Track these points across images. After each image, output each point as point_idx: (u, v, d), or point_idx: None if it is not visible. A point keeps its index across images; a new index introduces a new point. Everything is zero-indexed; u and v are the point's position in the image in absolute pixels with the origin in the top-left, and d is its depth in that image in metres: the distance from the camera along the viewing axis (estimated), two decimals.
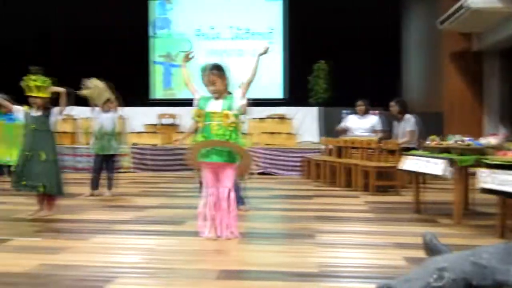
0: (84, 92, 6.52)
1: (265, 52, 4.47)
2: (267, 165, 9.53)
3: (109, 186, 6.82)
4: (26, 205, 5.65)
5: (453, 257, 2.00)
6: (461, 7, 9.11)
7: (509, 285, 1.76)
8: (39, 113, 5.26)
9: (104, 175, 6.85)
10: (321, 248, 4.00)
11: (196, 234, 4.34)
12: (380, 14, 12.83)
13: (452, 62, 11.06)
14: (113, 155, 6.87)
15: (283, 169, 9.61)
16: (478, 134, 8.16)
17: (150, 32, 14.45)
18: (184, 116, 10.73)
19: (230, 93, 4.36)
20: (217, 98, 4.27)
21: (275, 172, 9.55)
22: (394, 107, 8.13)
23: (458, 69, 11.04)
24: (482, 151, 4.95)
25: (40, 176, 5.15)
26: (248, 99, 4.73)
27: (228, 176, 4.28)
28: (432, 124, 9.51)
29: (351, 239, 4.34)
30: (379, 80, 12.88)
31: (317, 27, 12.98)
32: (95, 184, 6.81)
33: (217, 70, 4.27)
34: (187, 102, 4.66)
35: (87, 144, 8.51)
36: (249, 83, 4.37)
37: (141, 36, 14.26)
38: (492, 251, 2.01)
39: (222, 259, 3.74)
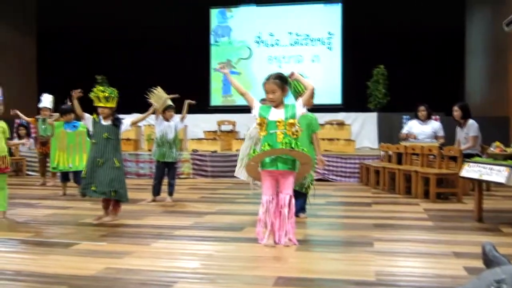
0: (151, 99, 6.77)
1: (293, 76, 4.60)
2: (325, 172, 9.51)
3: (170, 193, 7.02)
4: (91, 210, 5.93)
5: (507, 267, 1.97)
6: None
7: None
8: (108, 122, 5.51)
9: (165, 181, 7.06)
10: (379, 256, 3.98)
11: (254, 240, 4.42)
12: (442, 17, 12.54)
13: None
14: (174, 162, 7.07)
15: (342, 176, 9.55)
16: None
17: (211, 40, 14.74)
18: (243, 123, 10.87)
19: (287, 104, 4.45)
20: (276, 107, 4.36)
21: (333, 179, 9.51)
22: (457, 112, 7.93)
23: None
24: None
25: (113, 182, 5.38)
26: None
27: (290, 183, 4.37)
28: (497, 129, 9.20)
29: (410, 248, 4.28)
30: (441, 85, 12.58)
31: (376, 31, 12.85)
32: (156, 190, 7.02)
33: (279, 80, 4.39)
34: (246, 109, 4.76)
35: (149, 150, 8.83)
36: (308, 95, 4.45)
37: (203, 44, 14.61)
38: None
39: (280, 265, 3.79)
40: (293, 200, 4.37)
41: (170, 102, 7.00)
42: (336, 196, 7.65)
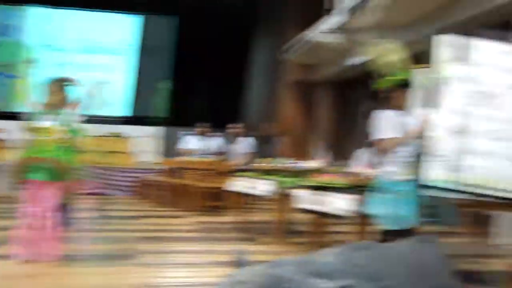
0: None
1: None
2: (101, 185, 9.14)
3: None
4: None
5: (254, 270, 2.09)
6: (300, 40, 9.76)
7: None
8: None
9: None
10: (143, 268, 3.93)
11: (9, 257, 3.99)
12: (228, 40, 13.20)
13: (289, 90, 11.77)
14: None
15: (118, 189, 9.29)
16: (308, 158, 8.73)
17: None
18: (14, 131, 9.88)
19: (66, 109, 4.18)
20: (51, 112, 4.05)
21: (108, 193, 9.18)
22: (236, 129, 8.33)
23: (293, 97, 11.77)
24: (304, 173, 5.31)
25: None
26: (84, 115, 4.56)
27: (52, 195, 4.04)
28: (266, 146, 9.99)
29: (176, 259, 4.33)
30: (222, 103, 13.16)
31: (164, 46, 12.96)
32: None
33: (59, 82, 4.15)
34: (16, 116, 4.34)
35: None
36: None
37: None
38: (290, 263, 2.15)
39: (37, 283, 3.50)
40: (55, 214, 4.06)
41: None
42: (111, 210, 7.40)
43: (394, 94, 3.35)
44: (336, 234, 5.51)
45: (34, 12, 13.38)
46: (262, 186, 5.22)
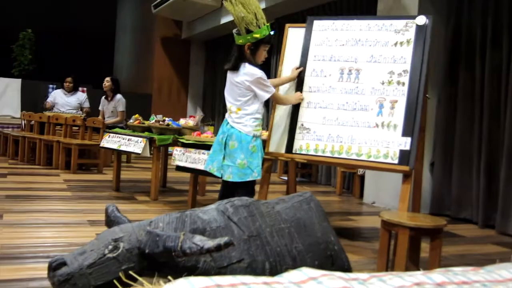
0: None
1: None
2: None
3: None
4: None
5: (131, 227, 2.04)
6: None
7: (178, 250, 1.87)
8: None
9: None
10: (7, 228, 3.67)
11: None
12: None
13: (162, 47, 11.50)
14: None
15: None
16: (183, 116, 8.69)
17: None
18: None
19: None
20: None
21: None
22: (108, 83, 7.95)
23: (167, 54, 11.54)
24: (180, 131, 5.26)
25: None
26: None
27: None
28: (140, 105, 9.75)
29: (43, 219, 4.10)
30: (91, 58, 12.57)
31: None
32: None
33: None
34: None
35: None
36: None
37: None
38: (167, 220, 2.13)
39: None
40: None
41: None
42: None
43: (257, 50, 3.44)
44: (213, 193, 5.60)
45: None
46: (136, 144, 5.09)
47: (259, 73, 3.43)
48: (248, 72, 3.41)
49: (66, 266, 1.82)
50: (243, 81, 3.41)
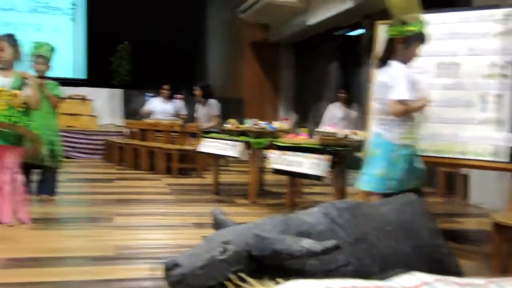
0: None
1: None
2: (68, 149, 8.99)
3: None
4: None
5: (238, 230, 2.10)
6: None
7: (285, 253, 1.90)
8: None
9: None
10: (118, 230, 3.91)
11: None
12: (184, 1, 12.93)
13: (251, 51, 11.68)
14: None
15: (84, 153, 9.18)
16: (274, 119, 8.77)
17: None
18: None
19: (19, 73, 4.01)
20: (4, 74, 3.90)
21: (75, 156, 9.06)
22: (198, 91, 8.25)
23: (256, 58, 11.69)
24: (274, 134, 5.33)
25: None
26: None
27: (12, 159, 3.93)
28: (233, 109, 9.96)
29: (151, 221, 4.33)
30: (184, 65, 13.00)
31: (121, 7, 12.54)
32: None
33: (7, 38, 3.96)
34: None
35: None
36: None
37: None
38: (273, 223, 2.17)
39: (11, 246, 3.42)
40: (19, 177, 3.96)
41: None
42: (78, 173, 7.31)
43: (410, 46, 3.13)
44: (310, 195, 5.61)
45: None
46: (232, 148, 5.22)
47: (403, 73, 3.09)
48: (393, 71, 3.11)
49: (180, 267, 1.90)
50: (387, 81, 3.12)
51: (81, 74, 13.10)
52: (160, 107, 8.53)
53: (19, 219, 3.96)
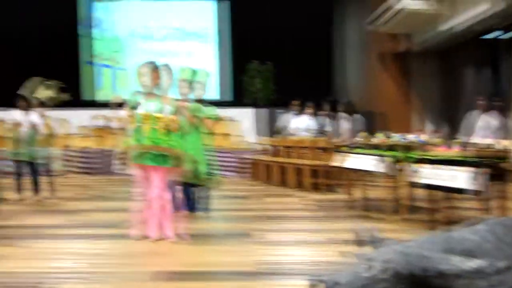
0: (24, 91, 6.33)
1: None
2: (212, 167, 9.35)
3: (36, 191, 6.43)
4: None
5: (396, 248, 1.95)
6: (388, 9, 9.33)
7: (452, 274, 1.74)
8: None
9: (30, 179, 6.44)
10: (259, 246, 3.93)
11: (129, 236, 4.15)
12: (313, 15, 12.94)
13: (381, 62, 11.31)
14: (36, 159, 6.45)
15: (233, 171, 9.45)
16: (406, 130, 8.33)
17: (82, 32, 13.87)
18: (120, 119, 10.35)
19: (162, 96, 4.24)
20: (148, 98, 4.14)
21: (225, 174, 9.29)
22: (341, 107, 8.11)
23: (387, 69, 11.30)
24: (416, 147, 5.01)
25: None
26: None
27: (160, 178, 4.13)
28: (373, 123, 9.70)
29: (289, 237, 4.30)
30: (315, 80, 12.95)
31: (250, 27, 12.88)
32: (17, 189, 6.44)
33: (151, 65, 4.21)
34: (121, 104, 4.49)
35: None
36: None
37: (73, 36, 13.67)
38: (432, 241, 1.98)
39: (158, 261, 3.60)
40: (165, 195, 4.15)
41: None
42: (228, 190, 7.45)
43: None
44: (463, 211, 5.19)
45: (123, 5, 13.96)
46: (379, 162, 5.01)
47: None
48: None
49: (340, 286, 1.82)
50: None
51: (227, 96, 13.68)
52: (292, 123, 8.54)
53: (165, 235, 4.12)
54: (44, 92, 6.47)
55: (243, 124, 11.46)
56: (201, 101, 5.18)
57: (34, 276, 3.22)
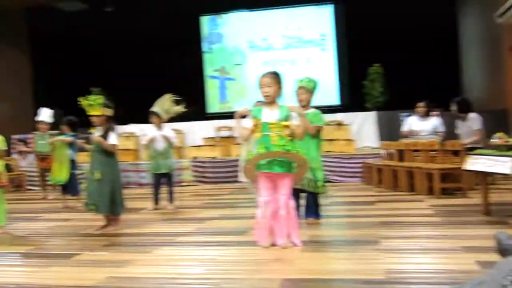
0: (156, 108, 6.90)
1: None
2: (327, 173, 9.40)
3: (171, 200, 6.95)
4: (92, 221, 5.81)
5: None
6: None
7: None
8: (98, 133, 5.38)
9: (165, 189, 6.98)
10: (387, 254, 3.88)
11: (256, 243, 4.32)
12: (434, 12, 12.44)
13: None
14: (172, 170, 7.03)
15: (343, 176, 9.46)
16: None
17: (204, 48, 14.69)
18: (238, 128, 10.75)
19: (284, 104, 4.38)
20: (270, 107, 4.28)
21: (335, 179, 9.41)
22: (453, 107, 7.82)
23: None
24: None
25: (91, 195, 5.31)
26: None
27: (286, 185, 4.27)
28: (495, 121, 9.13)
29: (418, 244, 4.18)
30: (438, 80, 12.44)
31: (369, 30, 12.64)
32: (155, 199, 6.97)
33: (272, 75, 4.33)
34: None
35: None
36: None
37: (196, 52, 14.54)
38: None
39: (285, 268, 3.70)
40: (291, 202, 4.29)
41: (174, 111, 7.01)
42: (339, 196, 7.56)
43: None
44: None
45: (235, 17, 14.50)
46: (503, 164, 4.74)
47: None
48: None
49: None
50: None
51: (334, 101, 13.68)
52: (417, 126, 8.32)
53: (291, 242, 4.25)
54: (173, 108, 6.99)
55: (353, 128, 11.35)
56: (314, 108, 5.31)
57: (163, 281, 3.47)
